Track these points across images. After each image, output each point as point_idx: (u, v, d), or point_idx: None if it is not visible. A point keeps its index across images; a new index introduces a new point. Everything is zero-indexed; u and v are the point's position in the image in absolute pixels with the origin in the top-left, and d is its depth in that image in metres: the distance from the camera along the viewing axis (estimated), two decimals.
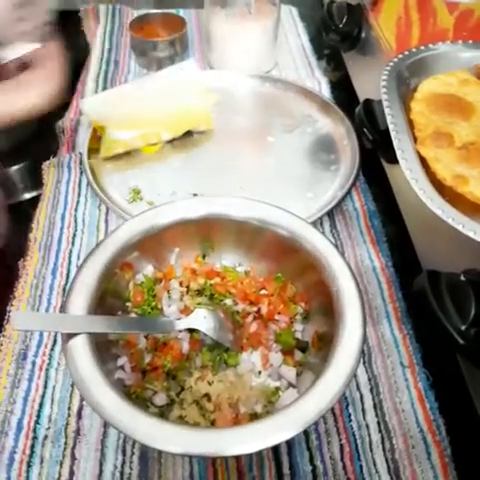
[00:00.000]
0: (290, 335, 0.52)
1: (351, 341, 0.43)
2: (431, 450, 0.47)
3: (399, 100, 0.53)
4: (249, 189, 0.69)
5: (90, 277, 0.46)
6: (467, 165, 0.46)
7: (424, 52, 0.58)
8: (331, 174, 0.72)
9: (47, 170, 0.73)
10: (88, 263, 0.47)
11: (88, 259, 0.48)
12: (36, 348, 0.54)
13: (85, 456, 0.47)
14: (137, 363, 0.49)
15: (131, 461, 0.47)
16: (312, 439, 0.49)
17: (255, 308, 0.54)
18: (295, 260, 0.53)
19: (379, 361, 0.53)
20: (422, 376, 0.52)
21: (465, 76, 0.57)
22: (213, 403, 0.47)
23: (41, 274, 0.60)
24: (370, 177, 0.72)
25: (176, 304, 0.53)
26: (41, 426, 0.49)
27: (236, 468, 0.47)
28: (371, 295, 0.59)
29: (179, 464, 0.47)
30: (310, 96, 0.83)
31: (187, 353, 0.50)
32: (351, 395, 0.51)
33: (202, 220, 0.54)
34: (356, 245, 0.64)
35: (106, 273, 0.48)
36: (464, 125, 0.51)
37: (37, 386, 0.51)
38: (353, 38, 0.75)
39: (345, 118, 0.77)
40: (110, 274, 0.49)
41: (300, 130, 0.79)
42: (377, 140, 0.57)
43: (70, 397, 0.51)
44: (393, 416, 0.50)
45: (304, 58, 0.94)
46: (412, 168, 0.45)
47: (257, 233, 0.54)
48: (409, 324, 0.56)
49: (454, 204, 0.43)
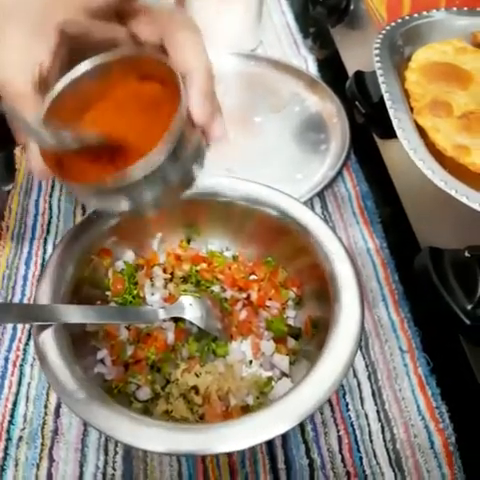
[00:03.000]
0: (282, 322, 0.49)
1: (349, 325, 0.40)
2: (434, 439, 0.45)
3: (393, 69, 0.49)
4: (236, 171, 0.65)
5: (63, 264, 0.43)
6: (468, 134, 0.43)
7: (418, 20, 0.55)
8: (321, 154, 0.69)
9: (20, 156, 0.69)
10: (61, 249, 0.44)
11: (61, 244, 0.44)
12: (9, 342, 0.50)
13: (64, 457, 0.44)
14: (118, 356, 0.46)
15: (114, 461, 0.44)
16: (308, 431, 0.46)
17: (244, 294, 0.51)
18: (286, 242, 0.50)
19: (376, 346, 0.51)
20: (422, 361, 0.49)
21: (461, 44, 0.54)
22: (201, 396, 0.43)
23: (14, 264, 0.56)
24: (362, 156, 0.69)
25: (160, 292, 0.50)
26: (15, 426, 0.45)
27: (228, 464, 0.44)
28: (366, 277, 0.56)
29: (166, 462, 0.44)
30: (297, 74, 0.79)
31: (172, 344, 0.47)
32: (348, 383, 0.48)
33: (186, 202, 0.50)
34: (349, 226, 0.61)
35: (81, 260, 0.45)
36: (462, 94, 0.48)
37: (10, 383, 0.48)
38: (341, 11, 0.71)
39: (334, 96, 0.74)
40: (86, 261, 0.46)
41: (288, 109, 0.76)
42: (370, 113, 0.53)
43: (47, 395, 0.47)
44: (393, 404, 0.47)
45: (289, 36, 0.91)
46: (410, 138, 0.42)
47: (245, 215, 0.51)
48: (407, 307, 0.53)
49: (455, 176, 0.40)
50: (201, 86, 0.29)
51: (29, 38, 0.31)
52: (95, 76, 0.31)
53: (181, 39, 0.30)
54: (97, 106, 0.33)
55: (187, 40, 0.30)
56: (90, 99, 0.32)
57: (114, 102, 0.32)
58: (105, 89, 0.32)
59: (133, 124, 0.31)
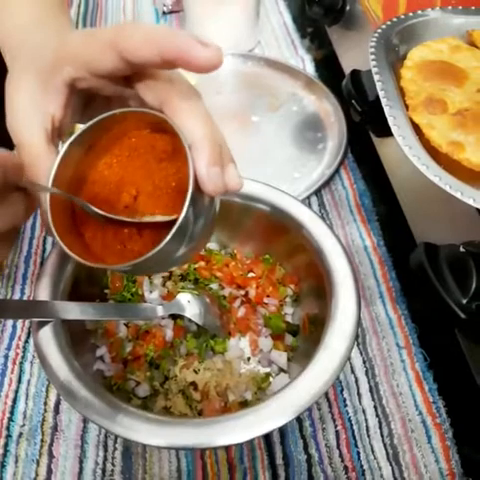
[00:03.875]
0: (280, 319, 0.49)
1: (345, 321, 0.40)
2: (431, 433, 0.45)
3: (388, 67, 0.50)
4: None
5: (62, 262, 0.43)
6: (462, 131, 0.43)
7: (413, 19, 0.55)
8: (318, 153, 0.70)
9: None
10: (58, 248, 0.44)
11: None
12: (9, 340, 0.51)
13: (64, 453, 0.44)
14: (117, 353, 0.46)
15: (113, 457, 0.44)
16: (306, 426, 0.46)
17: (242, 292, 0.51)
18: (283, 240, 0.50)
19: (374, 343, 0.51)
20: (419, 357, 0.49)
21: (456, 42, 0.54)
22: (200, 392, 0.44)
23: (13, 263, 0.57)
24: (359, 155, 0.69)
25: (158, 290, 0.50)
26: (15, 423, 0.46)
27: (226, 460, 0.45)
28: (363, 275, 0.56)
29: (165, 458, 0.44)
30: (294, 74, 0.80)
31: (171, 341, 0.47)
32: (346, 379, 0.48)
33: None
34: (346, 224, 0.61)
35: None
36: (457, 91, 0.48)
37: (10, 381, 0.48)
38: (337, 11, 0.72)
39: (331, 95, 0.74)
40: None
41: (285, 109, 0.76)
42: (366, 111, 0.54)
43: (46, 391, 0.47)
44: (390, 399, 0.47)
45: (287, 36, 0.91)
46: (405, 135, 0.42)
47: (243, 213, 0.51)
48: (404, 304, 0.53)
49: (449, 172, 0.40)
50: (208, 157, 0.28)
51: (40, 91, 0.32)
52: (101, 129, 0.31)
53: (182, 108, 0.30)
54: (109, 154, 0.32)
55: (188, 110, 0.30)
56: (98, 152, 0.32)
57: (126, 151, 0.32)
58: (113, 141, 0.32)
59: (144, 179, 0.31)
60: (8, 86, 0.33)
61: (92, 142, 0.32)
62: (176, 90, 0.30)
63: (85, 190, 0.32)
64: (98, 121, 0.31)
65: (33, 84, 0.32)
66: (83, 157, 0.32)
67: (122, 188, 0.31)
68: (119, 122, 0.31)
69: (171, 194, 0.31)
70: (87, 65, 0.30)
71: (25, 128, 0.32)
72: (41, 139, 0.32)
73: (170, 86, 0.30)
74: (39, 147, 0.31)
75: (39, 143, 0.31)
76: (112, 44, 0.29)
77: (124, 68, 0.30)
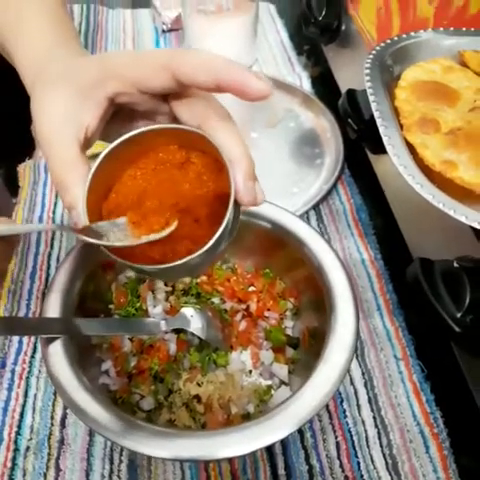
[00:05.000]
0: (281, 332, 0.50)
1: (344, 334, 0.41)
2: (429, 443, 0.46)
3: (383, 88, 0.52)
4: None
5: (69, 278, 0.44)
6: (455, 150, 0.45)
7: (406, 40, 0.57)
8: (316, 168, 0.71)
9: (23, 172, 0.70)
10: (66, 264, 0.45)
11: (66, 260, 0.45)
12: (15, 356, 0.51)
13: (70, 467, 0.45)
14: (122, 367, 0.47)
15: (119, 470, 0.45)
16: (307, 437, 0.47)
17: (244, 306, 0.52)
18: (283, 255, 0.52)
19: (372, 355, 0.52)
20: (417, 368, 0.51)
21: (448, 63, 0.56)
22: (203, 405, 0.45)
23: (19, 279, 0.58)
24: (355, 170, 0.71)
25: (161, 304, 0.51)
26: (22, 437, 0.46)
27: (230, 472, 0.45)
28: (361, 288, 0.58)
29: (170, 470, 0.45)
30: (291, 91, 0.82)
31: (174, 354, 0.48)
32: (345, 390, 0.50)
33: None
34: (344, 238, 0.63)
35: (86, 274, 0.46)
36: (450, 111, 0.50)
37: (17, 395, 0.49)
38: (333, 30, 0.74)
39: (327, 112, 0.76)
40: (91, 275, 0.47)
41: (283, 125, 0.78)
42: (362, 130, 0.56)
43: (53, 406, 0.48)
44: (389, 410, 0.48)
45: (284, 54, 0.93)
46: (399, 154, 0.44)
47: (243, 228, 0.52)
48: (401, 316, 0.55)
49: (443, 190, 0.42)
50: (245, 172, 0.31)
51: (77, 102, 0.32)
52: (131, 142, 0.32)
53: (220, 126, 0.31)
54: (134, 166, 0.33)
55: (225, 128, 0.31)
56: (123, 164, 0.33)
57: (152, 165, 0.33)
58: (141, 154, 0.33)
59: (168, 192, 0.33)
60: (38, 101, 0.33)
61: (121, 154, 0.33)
62: (212, 109, 0.32)
63: (110, 199, 0.33)
64: (134, 135, 0.32)
65: (69, 97, 0.32)
66: (111, 168, 0.33)
67: (144, 199, 0.32)
68: (151, 137, 0.32)
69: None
70: (137, 82, 0.32)
71: (59, 138, 0.32)
72: (74, 149, 0.32)
73: (207, 105, 0.32)
74: (72, 157, 0.32)
75: (72, 153, 0.32)
76: (166, 65, 0.30)
77: (173, 88, 0.31)
